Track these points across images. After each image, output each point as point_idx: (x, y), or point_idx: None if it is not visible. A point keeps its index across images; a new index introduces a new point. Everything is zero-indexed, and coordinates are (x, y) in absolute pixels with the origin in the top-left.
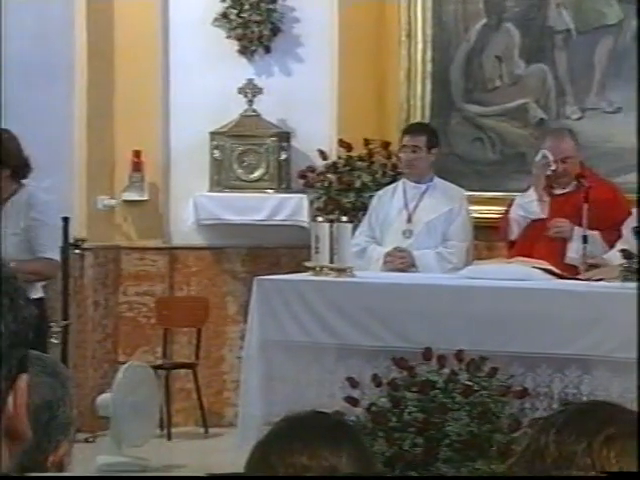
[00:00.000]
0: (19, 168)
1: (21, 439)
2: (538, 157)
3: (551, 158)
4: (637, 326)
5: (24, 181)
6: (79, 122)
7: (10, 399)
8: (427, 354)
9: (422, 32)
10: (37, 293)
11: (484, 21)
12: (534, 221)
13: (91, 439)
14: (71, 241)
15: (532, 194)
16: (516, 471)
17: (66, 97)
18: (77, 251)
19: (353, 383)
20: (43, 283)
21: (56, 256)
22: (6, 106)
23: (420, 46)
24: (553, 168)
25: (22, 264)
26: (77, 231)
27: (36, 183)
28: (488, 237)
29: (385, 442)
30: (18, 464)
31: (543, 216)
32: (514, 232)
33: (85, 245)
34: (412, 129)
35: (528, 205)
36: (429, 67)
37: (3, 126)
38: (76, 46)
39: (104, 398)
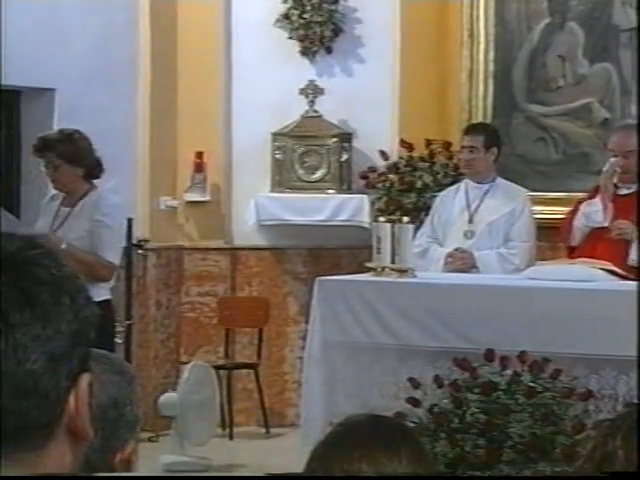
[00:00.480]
0: (91, 168)
1: (83, 438)
2: (606, 167)
3: (618, 163)
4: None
5: (95, 182)
6: (142, 123)
7: (71, 398)
8: (489, 355)
9: (484, 32)
10: (104, 295)
11: (548, 20)
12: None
13: (154, 438)
14: (134, 242)
15: (598, 203)
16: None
17: (129, 98)
18: (140, 251)
19: (415, 384)
20: (110, 285)
21: (115, 260)
22: (70, 108)
23: (482, 46)
24: (621, 164)
25: (75, 249)
26: (140, 231)
27: (100, 183)
28: (551, 238)
29: (447, 443)
30: (85, 461)
31: (606, 224)
32: (576, 239)
33: (148, 245)
34: (470, 129)
35: (593, 215)
36: (491, 67)
37: (66, 126)
38: (139, 48)
39: (167, 397)
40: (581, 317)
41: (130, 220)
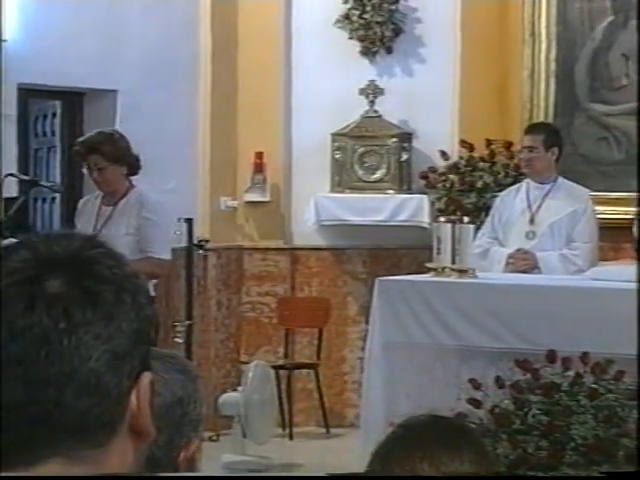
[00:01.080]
0: (133, 166)
1: (145, 436)
2: None
3: None
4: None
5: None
6: (203, 124)
7: (133, 397)
8: (551, 356)
9: (546, 31)
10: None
11: (611, 19)
12: None
13: (215, 437)
14: (195, 242)
15: None
16: None
17: (190, 99)
18: (200, 252)
19: (476, 385)
20: (154, 282)
21: (166, 256)
22: (132, 108)
23: (544, 45)
24: None
25: (132, 263)
26: (200, 232)
27: (161, 184)
28: (613, 238)
29: (509, 445)
30: (151, 459)
31: None
32: None
33: (208, 246)
34: (530, 129)
35: None
36: (553, 66)
37: (128, 127)
38: (200, 48)
39: (228, 397)
40: None
41: (190, 220)
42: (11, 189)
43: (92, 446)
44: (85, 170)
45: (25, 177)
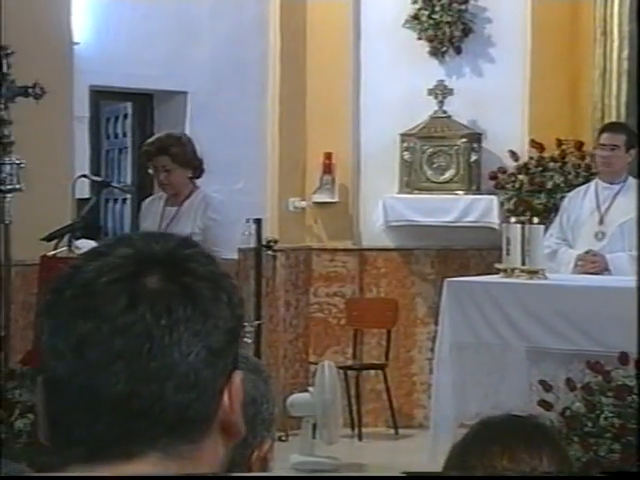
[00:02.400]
0: (198, 169)
1: (235, 434)
2: None
3: None
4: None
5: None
6: (271, 124)
7: (226, 395)
8: (623, 358)
9: (618, 29)
10: None
11: None
12: None
13: (284, 438)
14: (263, 242)
15: None
16: None
17: (259, 100)
18: (269, 252)
19: (546, 387)
20: None
21: (232, 255)
22: (201, 109)
23: (616, 44)
24: None
25: None
26: (269, 232)
27: (230, 184)
28: None
29: (580, 447)
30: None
31: None
32: None
33: (277, 246)
34: (612, 127)
35: None
36: (625, 65)
37: (198, 128)
38: (269, 49)
39: (296, 398)
40: None
41: (259, 221)
42: (83, 190)
43: (188, 441)
44: (151, 171)
45: (97, 178)
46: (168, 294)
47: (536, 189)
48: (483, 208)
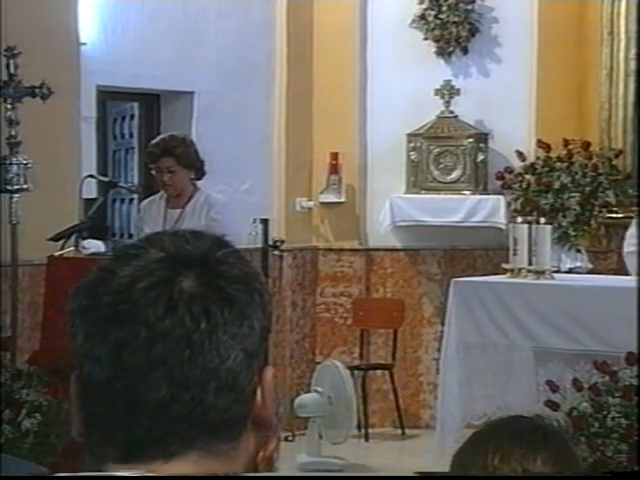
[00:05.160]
0: (200, 171)
1: (267, 428)
2: None
3: None
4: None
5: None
6: (278, 124)
7: (258, 391)
8: (630, 358)
9: (625, 29)
10: None
11: None
12: None
13: (290, 438)
14: (270, 242)
15: None
16: None
17: (266, 100)
18: (276, 252)
19: (553, 387)
20: None
21: None
22: (208, 110)
23: (623, 43)
24: None
25: None
26: (276, 232)
27: (237, 185)
28: None
29: (587, 448)
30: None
31: None
32: None
33: (283, 246)
34: None
35: None
36: (632, 65)
37: (204, 128)
38: (276, 49)
39: (303, 399)
40: None
41: (266, 221)
42: (90, 190)
43: (226, 441)
44: (154, 172)
45: (104, 178)
46: (205, 298)
47: (543, 189)
48: (490, 208)
